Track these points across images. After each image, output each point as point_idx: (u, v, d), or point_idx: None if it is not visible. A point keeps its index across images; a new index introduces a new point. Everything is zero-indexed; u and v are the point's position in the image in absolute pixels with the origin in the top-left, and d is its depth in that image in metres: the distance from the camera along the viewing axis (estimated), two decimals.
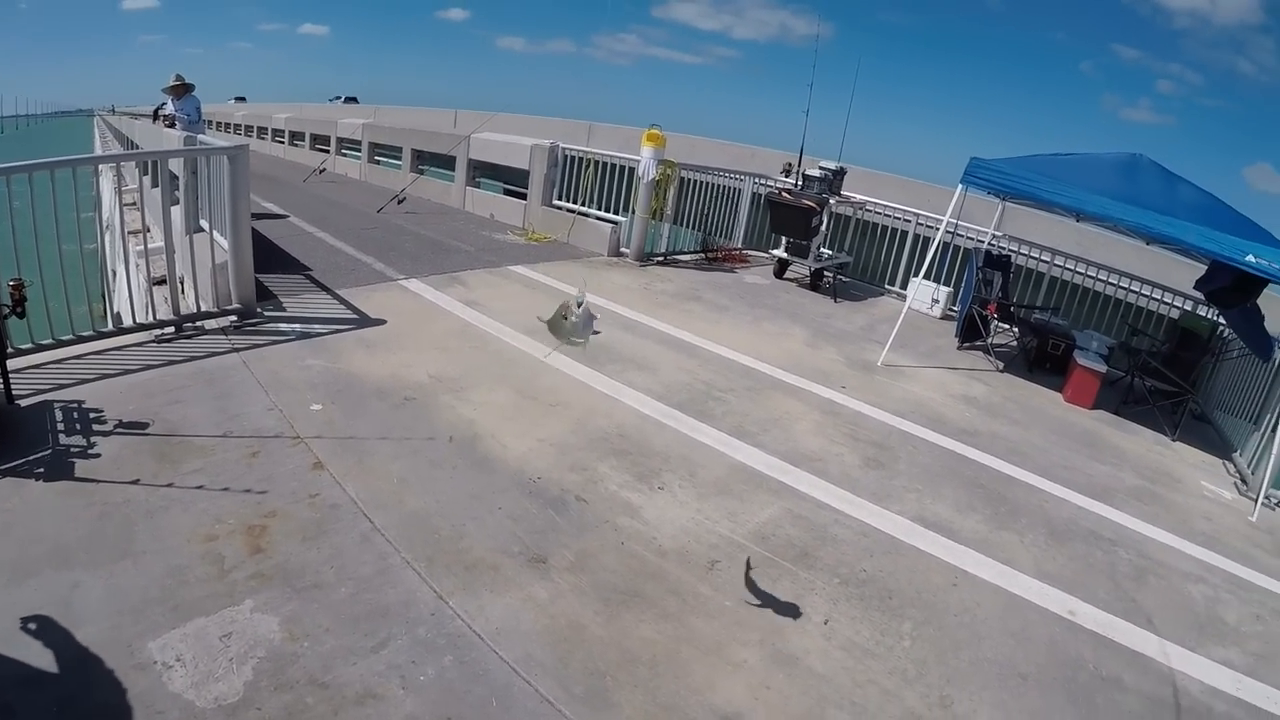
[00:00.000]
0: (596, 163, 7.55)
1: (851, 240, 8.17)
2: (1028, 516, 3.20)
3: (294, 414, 3.03)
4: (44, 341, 3.32)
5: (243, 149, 3.99)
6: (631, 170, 7.05)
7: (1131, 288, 6.85)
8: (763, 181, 8.12)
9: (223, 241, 4.11)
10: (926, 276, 6.63)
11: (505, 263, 6.12)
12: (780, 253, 7.24)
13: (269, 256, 5.58)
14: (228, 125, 26.44)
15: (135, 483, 2.41)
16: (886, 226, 7.95)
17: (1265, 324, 4.79)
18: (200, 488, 2.41)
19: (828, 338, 5.38)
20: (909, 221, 7.67)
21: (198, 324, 3.89)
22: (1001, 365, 5.72)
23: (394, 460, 2.76)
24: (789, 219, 6.79)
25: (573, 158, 7.80)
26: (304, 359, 3.57)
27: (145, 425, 2.79)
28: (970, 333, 6.11)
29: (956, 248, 6.95)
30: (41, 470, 2.43)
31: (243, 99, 36.09)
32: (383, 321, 4.22)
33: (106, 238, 8.59)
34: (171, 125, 7.68)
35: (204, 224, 4.32)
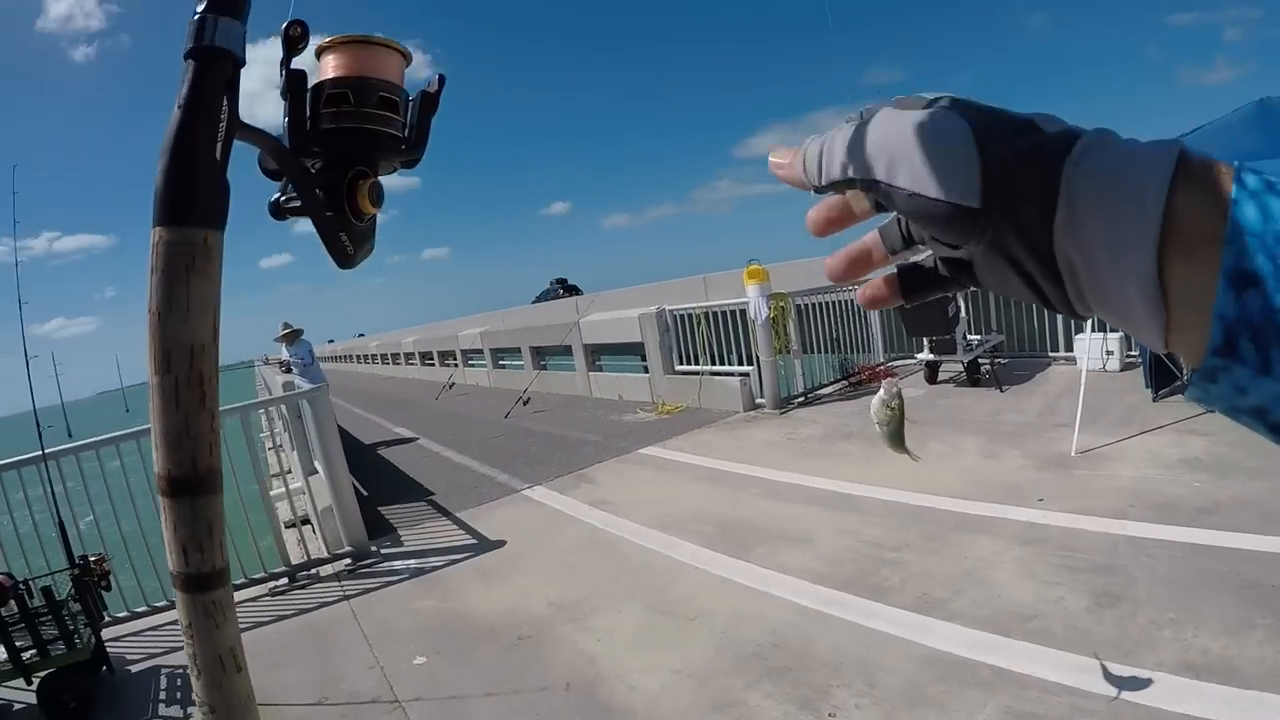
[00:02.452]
0: (707, 315, 6.93)
1: (997, 314, 6.98)
2: None
3: (395, 671, 2.60)
4: (158, 604, 3.23)
5: (320, 389, 4.00)
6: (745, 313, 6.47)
7: None
8: None
9: (328, 483, 3.99)
10: (1092, 329, 5.48)
11: (635, 446, 5.64)
12: (926, 355, 6.32)
13: (396, 486, 5.61)
14: (364, 357, 28.44)
15: None
16: None
17: None
18: None
19: (1004, 439, 4.34)
20: None
21: (312, 571, 3.68)
22: None
23: None
24: (922, 316, 5.93)
25: (682, 316, 7.23)
26: (414, 601, 3.25)
27: None
28: (1162, 377, 4.81)
29: None
30: None
31: (361, 335, 42.28)
32: (502, 543, 3.86)
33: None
34: (289, 370, 7.82)
35: (318, 465, 4.22)
